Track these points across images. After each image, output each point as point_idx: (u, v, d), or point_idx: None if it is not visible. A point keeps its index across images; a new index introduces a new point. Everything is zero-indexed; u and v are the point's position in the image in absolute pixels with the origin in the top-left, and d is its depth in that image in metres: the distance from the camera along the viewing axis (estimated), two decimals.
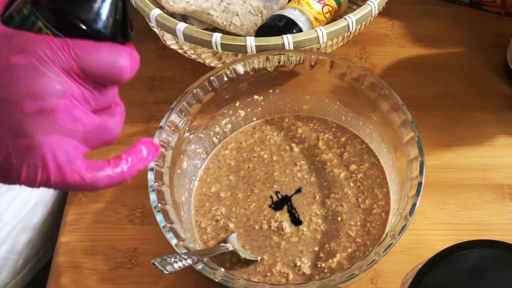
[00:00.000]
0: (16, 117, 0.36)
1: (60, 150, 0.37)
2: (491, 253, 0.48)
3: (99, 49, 0.39)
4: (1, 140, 0.35)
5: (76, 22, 0.40)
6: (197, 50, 0.70)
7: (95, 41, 0.39)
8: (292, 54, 0.65)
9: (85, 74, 0.39)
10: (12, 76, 0.36)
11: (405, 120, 0.60)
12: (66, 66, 0.38)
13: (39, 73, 0.36)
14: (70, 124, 0.37)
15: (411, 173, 0.57)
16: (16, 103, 0.36)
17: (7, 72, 0.36)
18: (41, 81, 0.36)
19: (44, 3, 0.39)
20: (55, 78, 0.37)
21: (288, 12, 0.72)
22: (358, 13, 0.68)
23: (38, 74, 0.36)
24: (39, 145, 0.36)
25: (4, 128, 0.36)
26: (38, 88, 0.36)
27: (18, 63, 0.36)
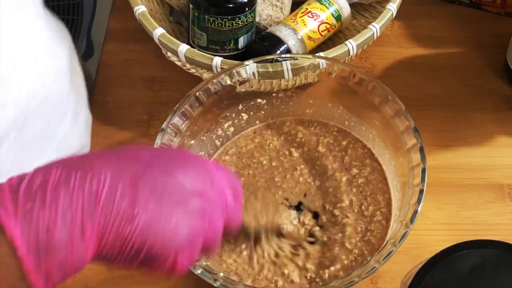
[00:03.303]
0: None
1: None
2: (491, 253, 0.48)
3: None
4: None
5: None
6: (199, 70, 0.71)
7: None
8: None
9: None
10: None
11: (408, 127, 0.60)
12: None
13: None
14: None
15: (413, 180, 0.57)
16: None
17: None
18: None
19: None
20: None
21: (280, 30, 0.72)
22: (359, 38, 0.69)
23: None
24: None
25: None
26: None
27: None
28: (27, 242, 0.36)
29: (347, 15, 0.76)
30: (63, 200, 0.37)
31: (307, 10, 0.74)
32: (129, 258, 0.40)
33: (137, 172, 0.40)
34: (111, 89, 0.78)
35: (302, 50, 0.73)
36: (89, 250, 0.38)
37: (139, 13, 0.71)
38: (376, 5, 0.80)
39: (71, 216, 0.37)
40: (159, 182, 0.41)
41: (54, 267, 0.37)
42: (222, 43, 0.71)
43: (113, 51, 0.82)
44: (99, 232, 0.38)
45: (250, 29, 0.72)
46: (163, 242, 0.40)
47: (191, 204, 0.42)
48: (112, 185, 0.39)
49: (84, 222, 0.38)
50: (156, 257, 0.41)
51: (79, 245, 0.38)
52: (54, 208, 0.37)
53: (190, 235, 0.42)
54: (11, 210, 0.36)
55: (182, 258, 0.42)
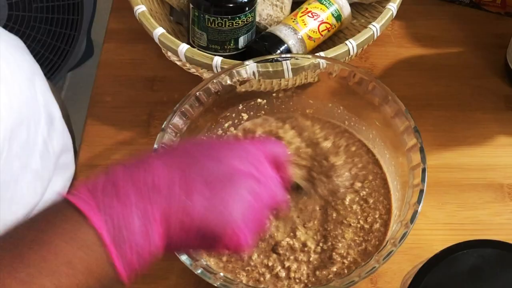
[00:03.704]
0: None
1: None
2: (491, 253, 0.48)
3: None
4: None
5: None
6: (199, 69, 0.71)
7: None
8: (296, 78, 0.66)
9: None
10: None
11: (408, 127, 0.60)
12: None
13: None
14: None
15: (413, 180, 0.57)
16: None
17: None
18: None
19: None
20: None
21: (280, 29, 0.72)
22: (359, 38, 0.69)
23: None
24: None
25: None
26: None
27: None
28: (109, 233, 0.40)
29: (347, 14, 0.76)
30: (129, 192, 0.42)
31: (307, 10, 0.74)
32: (192, 240, 0.44)
33: (187, 164, 0.45)
34: (111, 89, 0.78)
35: (302, 49, 0.73)
36: (158, 233, 0.42)
37: (139, 13, 0.71)
38: (376, 4, 0.80)
39: (137, 204, 0.41)
40: (209, 169, 0.45)
41: (130, 253, 0.41)
42: (222, 42, 0.71)
43: (113, 51, 0.82)
44: (163, 217, 0.42)
45: (250, 29, 0.72)
46: (220, 223, 0.44)
47: (239, 184, 0.45)
48: (169, 178, 0.43)
49: (148, 209, 0.41)
50: (216, 237, 0.44)
51: (149, 229, 0.41)
52: (124, 199, 0.41)
53: (245, 212, 0.45)
54: (93, 205, 0.40)
55: (243, 234, 0.45)
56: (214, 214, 0.43)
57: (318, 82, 0.66)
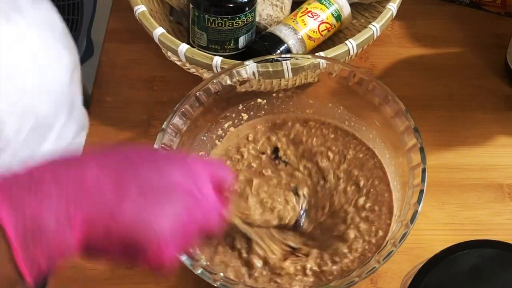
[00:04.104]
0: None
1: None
2: (491, 253, 0.48)
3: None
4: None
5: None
6: (199, 69, 0.71)
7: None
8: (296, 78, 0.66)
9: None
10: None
11: (408, 127, 0.59)
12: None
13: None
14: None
15: (413, 180, 0.57)
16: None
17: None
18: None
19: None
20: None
21: (280, 29, 0.72)
22: (359, 38, 0.69)
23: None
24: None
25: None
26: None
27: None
28: (15, 227, 0.38)
29: (347, 14, 0.76)
30: (51, 191, 0.39)
31: (307, 10, 0.74)
32: (115, 248, 0.42)
33: (124, 168, 0.43)
34: (111, 89, 0.78)
35: (302, 49, 0.73)
36: (76, 239, 0.40)
37: (139, 13, 0.71)
38: (376, 4, 0.80)
39: (58, 205, 0.39)
40: (146, 177, 0.43)
41: (40, 254, 0.39)
42: (222, 42, 0.71)
43: (113, 51, 0.82)
44: (86, 222, 0.40)
45: (250, 29, 0.72)
46: (146, 233, 0.42)
47: (176, 199, 0.44)
48: (99, 179, 0.41)
49: (70, 211, 0.39)
50: (140, 247, 0.42)
51: (66, 232, 0.39)
52: (42, 197, 0.39)
53: (174, 228, 0.43)
54: (5, 199, 0.38)
55: (166, 250, 0.43)
56: (142, 224, 0.42)
57: (318, 82, 0.66)
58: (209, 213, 0.46)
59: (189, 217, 0.44)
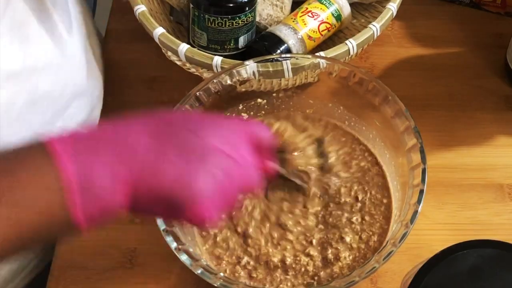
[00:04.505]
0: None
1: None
2: (491, 253, 0.48)
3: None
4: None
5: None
6: (199, 69, 0.71)
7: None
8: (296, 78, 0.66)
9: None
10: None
11: (408, 127, 0.59)
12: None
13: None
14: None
15: (413, 180, 0.57)
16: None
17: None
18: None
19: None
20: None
21: (280, 29, 0.72)
22: (359, 38, 0.69)
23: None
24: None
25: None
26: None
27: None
28: (77, 177, 0.40)
29: (347, 14, 0.76)
30: (106, 148, 0.42)
31: (307, 10, 0.74)
32: (160, 207, 0.44)
33: (166, 130, 0.45)
34: (111, 89, 0.78)
35: (302, 49, 0.73)
36: (126, 197, 0.42)
37: (139, 13, 0.71)
38: (376, 4, 0.80)
39: (115, 164, 0.42)
40: (185, 139, 0.45)
41: (94, 205, 0.41)
42: (222, 42, 0.71)
43: (113, 51, 0.82)
44: (134, 182, 0.42)
45: (250, 29, 0.72)
46: (185, 192, 0.44)
47: (214, 160, 0.45)
48: (146, 141, 0.44)
49: (125, 171, 0.42)
50: (183, 207, 0.44)
51: (118, 189, 0.42)
52: (99, 154, 0.42)
53: (213, 189, 0.45)
54: (69, 149, 0.41)
55: (207, 210, 0.45)
56: (182, 184, 0.44)
57: (318, 82, 0.66)
58: (247, 174, 0.48)
59: (227, 178, 0.46)
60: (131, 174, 0.42)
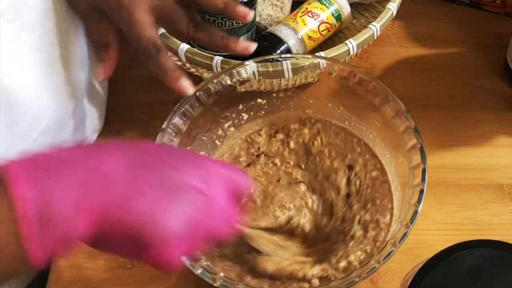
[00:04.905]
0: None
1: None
2: (491, 253, 0.48)
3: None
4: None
5: None
6: (199, 69, 0.71)
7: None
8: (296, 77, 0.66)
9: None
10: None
11: (408, 127, 0.59)
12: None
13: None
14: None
15: (413, 180, 0.57)
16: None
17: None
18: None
19: None
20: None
21: (280, 29, 0.72)
22: (359, 38, 0.69)
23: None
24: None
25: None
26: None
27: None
28: (33, 204, 0.37)
29: (347, 14, 0.76)
30: (69, 174, 0.39)
31: (307, 10, 0.74)
32: (121, 241, 0.41)
33: (144, 161, 0.43)
34: (111, 89, 0.78)
35: (302, 49, 0.73)
36: (85, 225, 0.39)
37: None
38: (376, 4, 0.80)
39: (73, 190, 0.39)
40: (161, 174, 0.43)
41: (51, 236, 0.38)
42: None
43: None
44: (100, 210, 0.39)
45: (250, 29, 0.72)
46: (153, 230, 0.41)
47: (187, 200, 0.43)
48: (115, 169, 0.41)
49: (83, 197, 0.39)
50: (145, 244, 0.41)
51: (76, 217, 0.39)
52: (60, 180, 0.38)
53: (180, 229, 0.42)
54: (28, 174, 0.38)
55: (170, 250, 0.42)
56: (150, 220, 0.41)
57: (318, 82, 0.66)
58: (220, 220, 0.46)
59: (198, 220, 0.44)
60: (99, 204, 0.39)
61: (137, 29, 0.58)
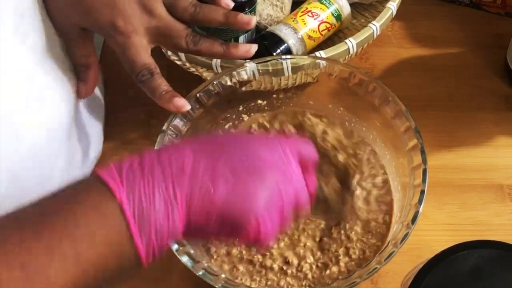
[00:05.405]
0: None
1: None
2: (491, 253, 0.48)
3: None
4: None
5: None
6: (199, 69, 0.71)
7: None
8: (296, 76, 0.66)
9: None
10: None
11: (409, 127, 0.59)
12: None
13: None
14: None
15: (414, 180, 0.57)
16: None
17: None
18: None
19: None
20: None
21: (280, 29, 0.72)
22: (359, 37, 0.69)
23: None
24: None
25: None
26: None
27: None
28: (131, 209, 0.40)
29: (347, 14, 0.76)
30: (157, 175, 0.42)
31: (307, 10, 0.74)
32: (214, 227, 0.44)
33: (216, 150, 0.45)
34: (111, 89, 0.78)
35: (302, 49, 0.73)
36: (181, 218, 0.42)
37: None
38: (376, 4, 0.80)
39: (166, 188, 0.42)
40: (237, 158, 0.45)
41: (153, 233, 0.41)
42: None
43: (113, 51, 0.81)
44: (187, 201, 0.42)
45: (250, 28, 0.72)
46: (244, 210, 0.44)
47: (268, 177, 0.45)
48: (195, 162, 0.43)
49: (176, 193, 0.42)
50: (239, 224, 0.44)
51: (173, 212, 0.42)
52: (151, 181, 0.42)
53: (269, 205, 0.45)
54: (118, 180, 0.41)
55: (264, 225, 0.44)
56: (237, 201, 0.43)
57: (318, 83, 0.66)
58: (299, 190, 0.48)
59: (280, 193, 0.45)
60: (183, 196, 0.42)
61: (132, 54, 0.59)
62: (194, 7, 0.61)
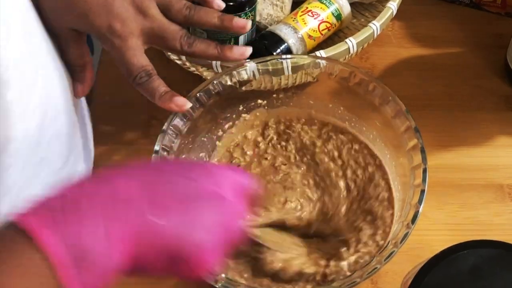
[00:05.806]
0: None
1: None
2: (491, 253, 0.48)
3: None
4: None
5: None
6: (199, 68, 0.71)
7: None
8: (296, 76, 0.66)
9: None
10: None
11: (409, 127, 0.59)
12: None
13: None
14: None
15: (414, 180, 0.57)
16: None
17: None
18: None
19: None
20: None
21: (280, 28, 0.72)
22: (359, 36, 0.69)
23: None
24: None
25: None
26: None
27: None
28: (66, 252, 0.36)
29: (347, 14, 0.76)
30: (87, 209, 0.38)
31: (308, 9, 0.74)
32: (162, 263, 0.41)
33: (159, 179, 0.42)
34: (111, 89, 0.78)
35: (302, 48, 0.73)
36: (119, 253, 0.39)
37: None
38: (377, 4, 0.80)
39: (96, 223, 0.38)
40: (178, 185, 0.43)
41: (92, 275, 0.37)
42: (222, 41, 0.71)
43: None
44: (129, 235, 0.39)
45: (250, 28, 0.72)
46: (188, 242, 0.41)
47: (209, 206, 0.43)
48: (130, 190, 0.40)
49: (109, 227, 0.38)
50: (186, 258, 0.42)
51: (109, 248, 0.38)
52: (80, 218, 0.37)
53: (212, 235, 0.43)
54: (45, 222, 0.36)
55: (208, 258, 0.43)
56: (186, 232, 0.41)
57: (318, 83, 0.66)
58: (240, 219, 0.46)
59: (224, 223, 0.44)
60: (128, 229, 0.39)
61: (129, 57, 0.58)
62: (189, 10, 0.60)
